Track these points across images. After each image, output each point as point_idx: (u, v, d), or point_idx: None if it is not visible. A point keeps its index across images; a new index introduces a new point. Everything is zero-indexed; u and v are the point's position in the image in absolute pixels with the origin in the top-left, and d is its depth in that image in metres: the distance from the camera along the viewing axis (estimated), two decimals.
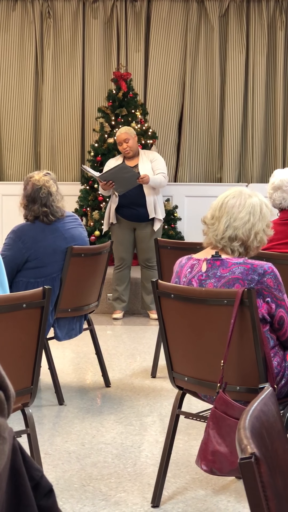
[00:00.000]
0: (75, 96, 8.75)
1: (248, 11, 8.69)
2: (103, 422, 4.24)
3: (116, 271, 6.94)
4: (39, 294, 2.95)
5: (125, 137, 6.74)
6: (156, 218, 6.80)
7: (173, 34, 8.71)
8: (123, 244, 6.87)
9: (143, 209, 6.75)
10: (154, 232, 6.80)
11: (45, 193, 4.42)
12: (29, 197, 4.44)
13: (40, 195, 4.41)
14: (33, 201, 4.43)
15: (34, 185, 4.44)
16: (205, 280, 2.97)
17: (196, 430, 4.03)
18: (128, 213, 6.78)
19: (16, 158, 8.82)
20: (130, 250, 6.95)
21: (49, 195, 4.43)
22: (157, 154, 6.97)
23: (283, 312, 2.93)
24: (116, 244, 6.84)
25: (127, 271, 6.96)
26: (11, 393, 1.23)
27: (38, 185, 4.43)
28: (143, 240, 6.83)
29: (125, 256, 6.90)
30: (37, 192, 4.42)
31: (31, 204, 4.44)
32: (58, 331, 4.61)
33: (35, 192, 4.42)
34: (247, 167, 8.78)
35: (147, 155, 6.88)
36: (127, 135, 6.76)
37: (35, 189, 4.43)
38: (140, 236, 6.85)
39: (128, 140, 6.73)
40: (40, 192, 4.41)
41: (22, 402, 3.01)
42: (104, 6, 8.71)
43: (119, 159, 6.87)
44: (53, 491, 1.33)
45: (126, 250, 6.90)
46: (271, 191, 4.55)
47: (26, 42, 8.76)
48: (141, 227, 6.84)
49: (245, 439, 1.26)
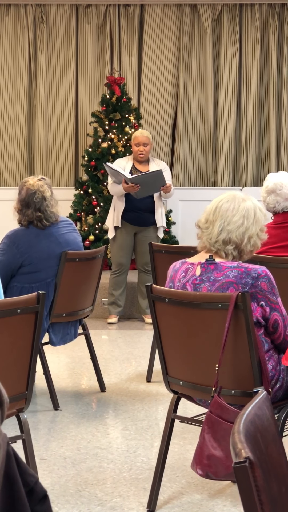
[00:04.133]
0: (68, 101, 8.75)
1: (241, 15, 8.71)
2: (99, 427, 4.24)
3: (114, 276, 6.93)
4: (34, 299, 2.95)
5: (145, 141, 6.77)
6: (162, 226, 6.86)
7: (166, 38, 8.72)
8: (123, 250, 6.87)
9: (147, 214, 6.79)
10: (158, 238, 6.85)
11: (39, 198, 4.41)
12: (23, 202, 4.44)
13: (34, 200, 4.40)
14: (27, 205, 4.43)
15: (28, 190, 4.43)
16: (199, 284, 2.97)
17: (192, 434, 4.02)
18: (134, 218, 6.79)
19: (10, 163, 8.82)
20: (129, 256, 6.96)
21: (43, 200, 4.42)
22: (166, 165, 7.04)
23: (277, 315, 2.94)
24: (116, 249, 6.84)
25: (124, 276, 6.96)
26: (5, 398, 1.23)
27: (32, 189, 4.42)
28: (144, 244, 6.81)
29: (124, 261, 6.90)
30: (31, 196, 4.41)
31: (25, 208, 4.43)
32: (53, 336, 4.60)
33: (29, 197, 4.42)
34: (241, 171, 8.78)
35: (157, 163, 6.91)
36: (147, 139, 6.79)
37: (29, 194, 4.42)
38: (142, 239, 6.85)
39: (146, 144, 6.77)
40: (34, 196, 4.41)
41: (17, 407, 3.00)
42: (97, 11, 8.72)
43: (129, 161, 6.85)
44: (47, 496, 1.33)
45: (126, 255, 6.90)
46: (265, 195, 4.55)
47: (20, 47, 8.76)
48: (143, 231, 6.86)
49: (240, 443, 1.26)
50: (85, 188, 7.96)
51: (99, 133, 7.98)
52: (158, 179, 6.51)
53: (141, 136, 6.82)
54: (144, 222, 6.82)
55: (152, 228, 6.86)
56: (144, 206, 6.75)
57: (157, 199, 6.80)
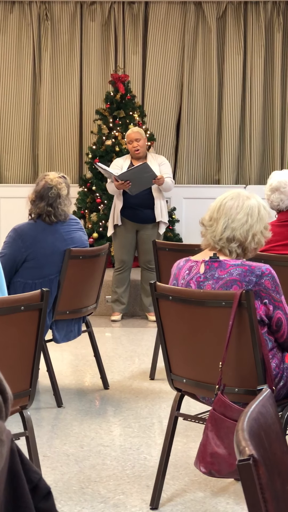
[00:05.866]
0: (73, 98, 8.75)
1: (245, 13, 8.70)
2: (102, 424, 4.24)
3: (116, 273, 6.93)
4: (37, 297, 2.95)
5: (137, 137, 6.75)
6: (162, 222, 6.81)
7: (171, 36, 8.71)
8: (125, 247, 6.85)
9: (148, 210, 6.75)
10: (159, 235, 6.81)
11: (54, 194, 4.46)
12: (38, 194, 4.49)
13: (49, 195, 4.45)
14: (41, 198, 4.47)
15: (46, 183, 4.49)
16: (203, 282, 2.97)
17: (195, 432, 4.02)
18: (133, 215, 6.77)
19: (14, 160, 8.82)
20: (132, 253, 6.95)
21: (58, 197, 4.46)
22: (164, 158, 6.97)
23: (280, 314, 2.93)
24: (118, 247, 6.83)
25: (127, 273, 6.95)
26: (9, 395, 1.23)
27: (50, 184, 4.48)
28: (146, 242, 6.80)
29: (126, 258, 6.89)
30: (47, 190, 4.46)
31: (39, 200, 4.48)
32: (56, 333, 4.60)
33: (45, 190, 4.47)
34: (245, 168, 8.78)
35: (155, 158, 6.88)
36: (139, 134, 6.77)
37: (46, 188, 4.47)
38: (144, 237, 6.84)
39: (139, 139, 6.74)
40: (50, 191, 4.46)
41: (21, 404, 3.00)
42: (102, 8, 8.72)
43: (127, 159, 6.85)
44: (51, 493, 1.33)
45: (128, 252, 6.89)
46: (269, 193, 4.55)
47: (24, 45, 8.76)
48: (144, 228, 6.83)
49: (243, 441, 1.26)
50: (89, 185, 7.96)
51: (103, 130, 7.98)
52: (145, 173, 6.44)
53: (131, 132, 6.82)
54: (144, 219, 6.79)
55: (152, 225, 6.83)
56: (142, 203, 6.71)
57: (155, 194, 6.73)
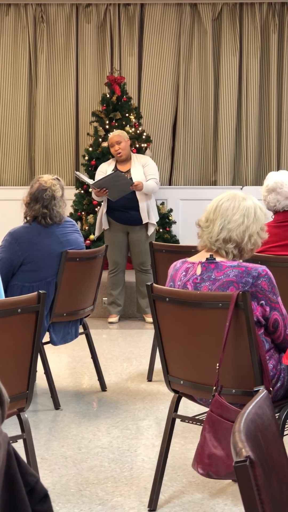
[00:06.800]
0: (69, 100, 8.75)
1: (241, 14, 8.70)
2: (100, 426, 4.24)
3: (111, 275, 6.93)
4: (34, 299, 2.95)
5: (117, 139, 6.73)
6: (150, 223, 6.78)
7: (167, 37, 8.72)
8: (116, 248, 6.85)
9: (135, 212, 6.73)
10: (148, 237, 6.78)
11: (49, 196, 4.46)
12: (33, 196, 4.49)
13: (44, 196, 4.45)
14: (35, 200, 4.47)
15: (40, 185, 4.49)
16: (200, 283, 2.97)
17: (193, 433, 4.02)
18: (121, 216, 6.77)
19: (10, 162, 8.82)
20: (124, 254, 6.94)
21: (52, 199, 4.47)
22: (149, 159, 6.95)
23: (277, 315, 2.94)
24: (109, 248, 6.83)
25: (121, 275, 6.95)
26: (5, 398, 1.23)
27: (45, 186, 4.48)
28: (136, 244, 6.82)
29: (119, 260, 6.89)
30: (41, 192, 4.47)
31: (33, 203, 4.48)
32: (53, 336, 4.60)
33: (39, 192, 4.47)
34: (241, 170, 8.78)
35: (139, 159, 6.86)
36: (119, 137, 6.76)
37: (41, 190, 4.47)
38: (134, 240, 6.84)
39: (120, 142, 6.72)
40: (45, 193, 4.46)
41: (18, 407, 3.00)
42: (97, 10, 8.72)
43: (112, 163, 6.86)
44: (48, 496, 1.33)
45: (120, 254, 6.88)
46: (266, 194, 4.55)
47: (20, 47, 8.76)
48: (134, 230, 6.83)
49: (240, 442, 1.26)
50: (85, 187, 7.96)
51: (99, 132, 7.98)
52: (118, 181, 6.41)
53: (112, 136, 6.81)
54: (131, 221, 6.76)
55: (140, 227, 6.81)
56: (128, 205, 6.69)
57: (139, 196, 6.69)
